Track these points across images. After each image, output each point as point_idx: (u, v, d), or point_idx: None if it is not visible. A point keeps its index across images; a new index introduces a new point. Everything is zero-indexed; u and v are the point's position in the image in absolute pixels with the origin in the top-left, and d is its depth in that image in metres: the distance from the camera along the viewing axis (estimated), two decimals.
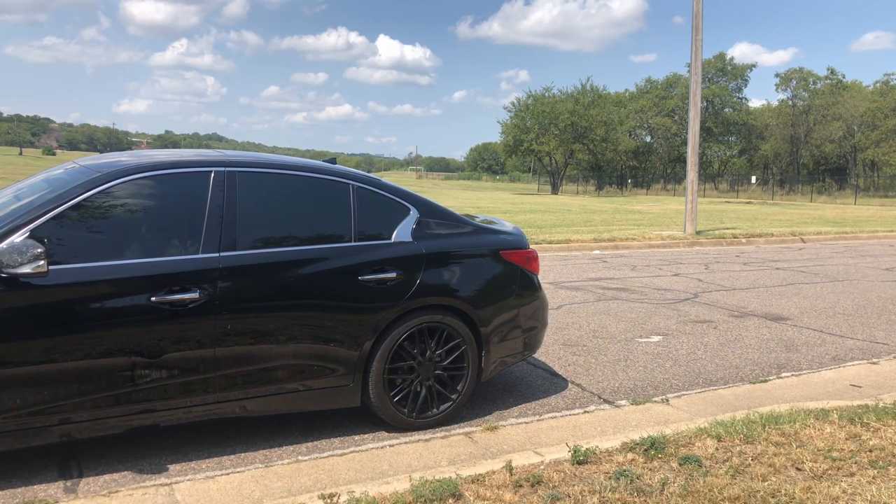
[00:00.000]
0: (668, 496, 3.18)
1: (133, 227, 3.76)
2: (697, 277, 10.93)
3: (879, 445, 3.81)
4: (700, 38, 17.78)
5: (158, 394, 3.62)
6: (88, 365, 3.43)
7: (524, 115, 62.28)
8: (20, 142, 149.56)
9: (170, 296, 3.59)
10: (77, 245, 3.55)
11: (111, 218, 3.69)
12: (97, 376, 3.46)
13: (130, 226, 3.76)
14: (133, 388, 3.55)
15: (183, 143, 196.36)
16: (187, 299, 3.63)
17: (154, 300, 3.56)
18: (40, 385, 3.35)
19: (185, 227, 3.80)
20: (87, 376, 3.44)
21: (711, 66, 65.44)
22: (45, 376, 3.36)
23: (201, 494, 3.45)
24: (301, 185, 4.23)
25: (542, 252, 13.03)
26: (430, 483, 3.25)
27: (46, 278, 3.30)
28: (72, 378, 3.41)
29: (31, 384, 3.33)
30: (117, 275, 3.54)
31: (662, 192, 62.46)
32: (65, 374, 3.39)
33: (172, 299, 3.60)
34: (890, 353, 6.50)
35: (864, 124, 57.13)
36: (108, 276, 3.52)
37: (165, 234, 3.79)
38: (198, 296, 3.66)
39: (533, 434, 4.37)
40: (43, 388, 3.36)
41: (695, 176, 17.78)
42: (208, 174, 3.90)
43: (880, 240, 18.58)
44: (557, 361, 5.96)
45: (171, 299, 3.59)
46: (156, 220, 3.83)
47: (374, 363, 4.14)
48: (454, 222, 4.65)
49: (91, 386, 3.45)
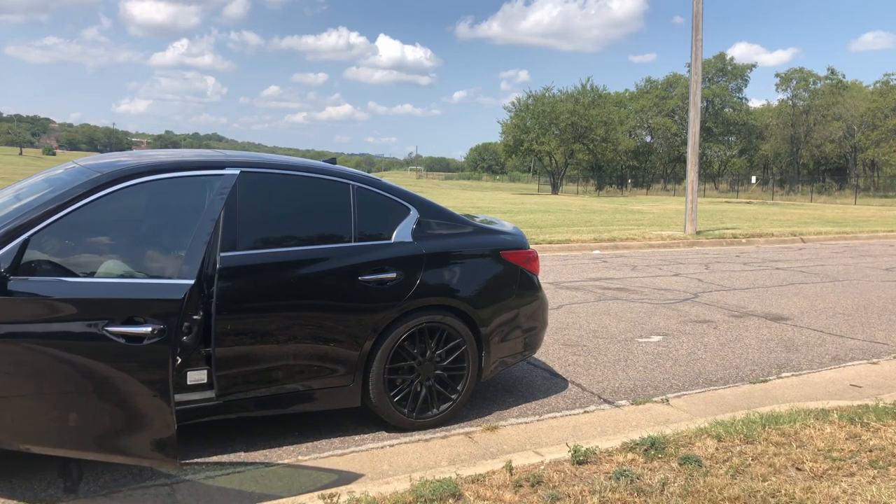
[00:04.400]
0: (668, 496, 3.18)
1: (133, 228, 3.76)
2: (697, 277, 10.93)
3: (879, 445, 3.81)
4: (700, 38, 17.79)
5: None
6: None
7: (524, 115, 62.22)
8: (20, 142, 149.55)
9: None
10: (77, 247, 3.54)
11: (112, 217, 3.69)
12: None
13: (131, 226, 3.76)
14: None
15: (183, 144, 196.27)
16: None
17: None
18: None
19: (184, 227, 3.79)
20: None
21: (711, 66, 65.45)
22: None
23: (201, 494, 3.45)
24: (301, 185, 4.23)
25: (543, 252, 13.03)
26: (430, 483, 3.25)
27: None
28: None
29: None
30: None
31: (662, 192, 62.47)
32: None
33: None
34: (890, 353, 6.50)
35: (864, 124, 57.11)
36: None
37: (160, 236, 3.79)
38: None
39: (533, 434, 4.37)
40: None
41: (695, 176, 17.78)
42: (208, 175, 3.90)
43: (880, 240, 18.58)
44: (557, 361, 5.96)
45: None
46: (155, 222, 3.83)
47: (374, 363, 4.14)
48: (454, 222, 4.65)
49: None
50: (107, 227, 3.67)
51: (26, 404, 3.02)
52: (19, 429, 3.05)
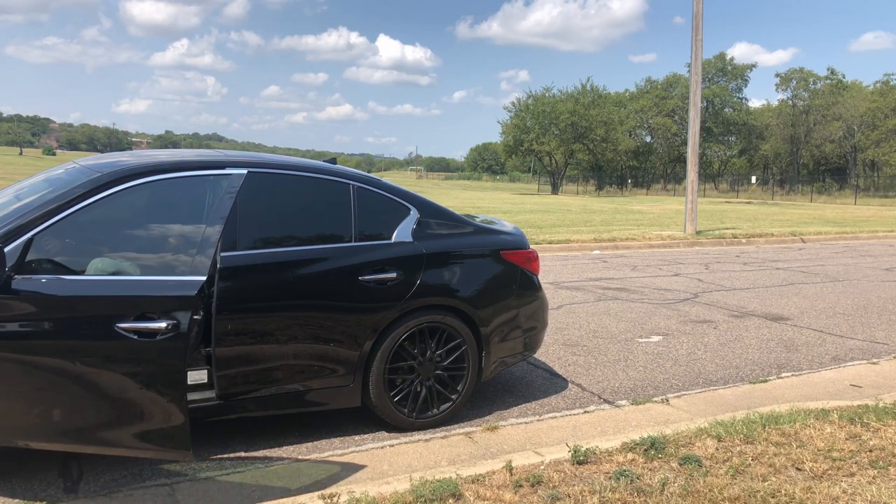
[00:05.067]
0: (668, 496, 3.18)
1: (136, 227, 3.75)
2: (697, 277, 10.93)
3: (879, 445, 3.81)
4: (700, 38, 17.78)
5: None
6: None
7: (524, 116, 62.22)
8: (20, 142, 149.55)
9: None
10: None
11: (113, 217, 3.68)
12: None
13: (134, 226, 3.75)
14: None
15: (183, 144, 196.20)
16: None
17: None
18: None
19: (187, 226, 3.79)
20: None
21: (711, 66, 65.43)
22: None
23: (201, 494, 3.45)
24: (301, 185, 4.23)
25: (543, 252, 13.03)
26: (430, 483, 3.25)
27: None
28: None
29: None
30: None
31: (662, 192, 62.46)
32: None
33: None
34: (890, 353, 6.50)
35: (864, 124, 57.10)
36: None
37: (164, 235, 3.78)
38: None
39: (533, 434, 4.37)
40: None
41: (695, 176, 17.78)
42: (209, 175, 3.90)
43: (880, 240, 18.58)
44: (557, 361, 5.96)
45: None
46: (157, 221, 3.82)
47: (374, 363, 4.14)
48: (454, 222, 4.65)
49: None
50: (109, 226, 3.66)
51: (34, 402, 3.03)
52: (29, 426, 3.06)
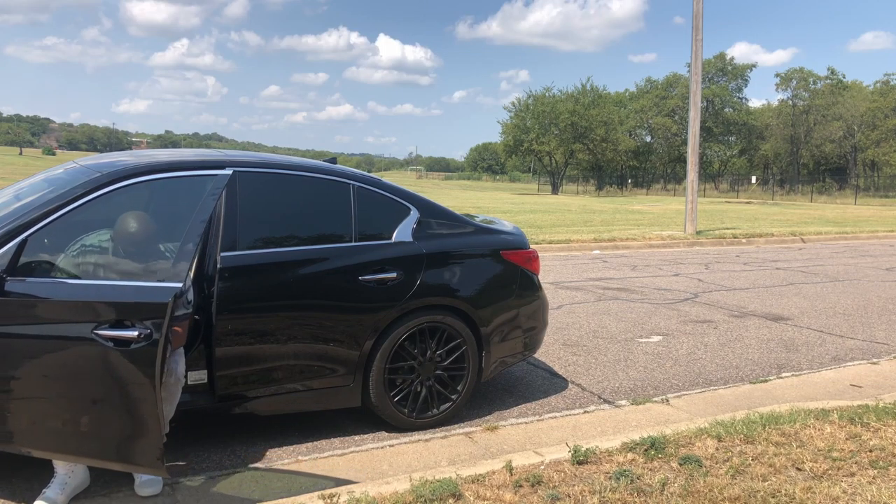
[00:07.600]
0: (668, 496, 3.18)
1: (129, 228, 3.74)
2: (697, 277, 10.93)
3: (880, 445, 3.81)
4: (700, 38, 17.78)
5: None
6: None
7: (524, 115, 62.26)
8: (20, 142, 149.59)
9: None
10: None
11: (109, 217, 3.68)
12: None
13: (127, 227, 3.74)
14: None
15: (183, 143, 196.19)
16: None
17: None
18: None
19: (180, 228, 3.78)
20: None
21: (711, 66, 65.40)
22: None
23: (201, 494, 3.45)
24: (302, 185, 4.23)
25: (543, 252, 13.03)
26: (430, 483, 3.25)
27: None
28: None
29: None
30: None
31: (662, 192, 62.43)
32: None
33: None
34: (890, 353, 6.50)
35: (864, 124, 57.11)
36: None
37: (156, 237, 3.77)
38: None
39: (533, 434, 4.37)
40: None
41: (695, 176, 17.78)
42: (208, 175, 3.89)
43: (880, 240, 18.58)
44: (557, 361, 5.96)
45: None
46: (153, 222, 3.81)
47: (374, 363, 4.14)
48: (454, 222, 4.65)
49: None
50: (104, 227, 3.66)
51: (18, 406, 2.96)
52: (9, 430, 2.98)
